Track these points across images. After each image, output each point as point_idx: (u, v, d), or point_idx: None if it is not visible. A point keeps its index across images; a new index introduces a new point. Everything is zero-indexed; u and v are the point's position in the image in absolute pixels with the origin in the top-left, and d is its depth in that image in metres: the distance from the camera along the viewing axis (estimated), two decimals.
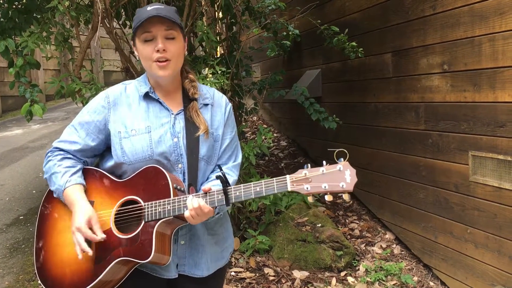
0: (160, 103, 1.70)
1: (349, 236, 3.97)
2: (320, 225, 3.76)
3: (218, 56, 4.32)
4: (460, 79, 3.02)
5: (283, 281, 3.38)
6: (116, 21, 3.88)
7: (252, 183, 1.51)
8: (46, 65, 9.02)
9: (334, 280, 3.42)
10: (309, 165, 1.49)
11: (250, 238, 3.66)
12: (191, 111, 1.69)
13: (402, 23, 3.53)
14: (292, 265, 3.55)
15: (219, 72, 3.41)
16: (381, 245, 3.88)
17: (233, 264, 3.53)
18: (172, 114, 1.70)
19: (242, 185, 1.51)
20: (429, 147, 3.34)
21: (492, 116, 2.79)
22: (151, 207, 1.56)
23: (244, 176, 3.70)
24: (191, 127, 1.67)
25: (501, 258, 2.81)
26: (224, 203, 1.51)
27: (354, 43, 3.83)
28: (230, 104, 1.82)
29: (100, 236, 1.56)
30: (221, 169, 1.53)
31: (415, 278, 3.44)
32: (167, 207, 1.54)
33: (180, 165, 1.66)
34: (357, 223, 4.19)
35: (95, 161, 1.77)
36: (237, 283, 3.32)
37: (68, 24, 3.68)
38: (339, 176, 1.45)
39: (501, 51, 2.70)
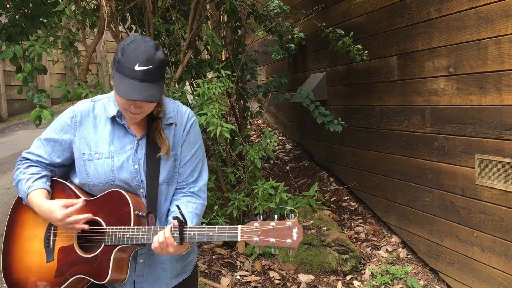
0: (125, 128, 1.71)
1: (354, 240, 3.96)
2: (325, 228, 3.76)
3: (223, 59, 4.34)
4: (466, 82, 3.01)
5: (289, 285, 3.38)
6: (122, 25, 3.90)
7: (206, 227, 1.57)
8: (52, 69, 9.06)
9: (339, 284, 3.41)
10: (261, 216, 1.57)
11: None
12: (154, 132, 1.70)
13: (407, 26, 3.52)
14: (298, 268, 3.55)
15: (224, 75, 3.41)
16: (387, 249, 3.86)
17: (238, 267, 3.53)
18: (135, 139, 1.71)
19: (197, 227, 1.58)
20: (435, 150, 3.33)
21: (498, 119, 2.78)
22: (112, 232, 1.61)
23: (250, 180, 3.70)
24: (152, 151, 1.69)
25: (508, 261, 2.79)
26: (179, 241, 1.55)
27: (359, 46, 3.83)
28: (192, 119, 1.78)
29: (81, 200, 1.63)
30: (179, 209, 1.55)
31: (421, 282, 3.43)
32: (127, 235, 1.59)
33: (141, 190, 1.69)
34: (363, 227, 4.18)
35: (63, 170, 1.80)
36: (243, 286, 3.32)
37: (74, 28, 3.70)
38: (287, 233, 1.52)
39: (507, 54, 2.69)
